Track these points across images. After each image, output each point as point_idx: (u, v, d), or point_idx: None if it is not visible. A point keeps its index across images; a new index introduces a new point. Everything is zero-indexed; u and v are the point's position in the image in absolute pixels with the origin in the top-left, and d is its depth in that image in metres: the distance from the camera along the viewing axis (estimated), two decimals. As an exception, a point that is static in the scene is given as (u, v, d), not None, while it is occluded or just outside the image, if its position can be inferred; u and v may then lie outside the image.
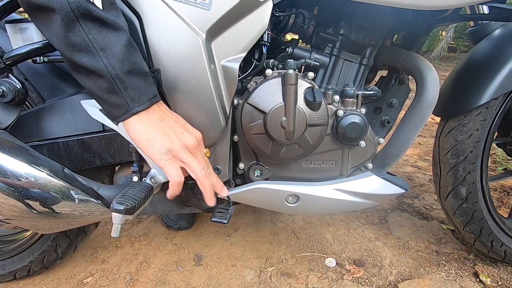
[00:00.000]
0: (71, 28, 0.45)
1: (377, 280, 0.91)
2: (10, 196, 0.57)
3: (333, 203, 0.73)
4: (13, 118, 0.66)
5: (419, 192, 1.38)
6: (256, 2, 0.59)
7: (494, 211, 0.87)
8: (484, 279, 0.89)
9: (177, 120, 0.56)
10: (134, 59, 0.50)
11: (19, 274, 0.89)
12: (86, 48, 0.47)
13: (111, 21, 0.48)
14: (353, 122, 0.67)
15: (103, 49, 0.47)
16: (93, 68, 0.47)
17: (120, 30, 0.49)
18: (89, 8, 0.45)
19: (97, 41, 0.47)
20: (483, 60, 0.81)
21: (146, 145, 0.52)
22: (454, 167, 0.83)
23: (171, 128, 0.54)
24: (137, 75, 0.50)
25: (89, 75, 0.49)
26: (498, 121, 0.80)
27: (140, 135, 0.52)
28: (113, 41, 0.48)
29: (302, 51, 0.74)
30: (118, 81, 0.48)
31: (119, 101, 0.50)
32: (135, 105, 0.50)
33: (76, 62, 0.47)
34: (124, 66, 0.48)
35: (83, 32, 0.46)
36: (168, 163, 0.53)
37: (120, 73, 0.48)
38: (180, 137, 0.54)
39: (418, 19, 0.76)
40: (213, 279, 0.92)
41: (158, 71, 0.56)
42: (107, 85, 0.48)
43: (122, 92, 0.49)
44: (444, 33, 4.92)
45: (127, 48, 0.49)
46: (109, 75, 0.48)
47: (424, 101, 0.70)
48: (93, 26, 0.46)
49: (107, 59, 0.47)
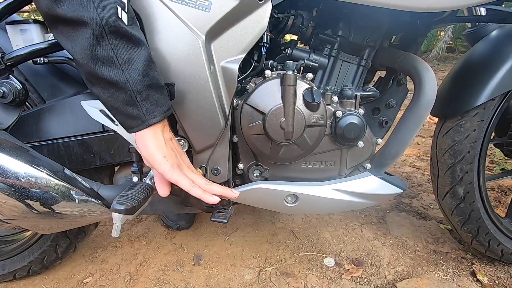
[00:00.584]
0: (99, 43, 0.47)
1: (375, 279, 0.92)
2: (11, 196, 0.57)
3: (331, 203, 0.74)
4: (13, 118, 0.66)
5: (417, 192, 1.39)
6: (255, 3, 0.59)
7: (491, 210, 0.88)
8: (481, 278, 0.90)
9: (177, 144, 0.61)
10: (153, 73, 0.52)
11: (19, 274, 0.89)
12: (110, 62, 0.48)
13: (135, 36, 0.49)
14: (352, 123, 0.68)
15: (127, 63, 0.49)
16: (116, 81, 0.49)
17: (142, 45, 0.51)
18: (118, 24, 0.47)
19: (122, 55, 0.48)
20: (480, 61, 0.82)
21: (160, 161, 0.55)
22: (451, 167, 0.84)
23: (176, 149, 0.59)
24: (155, 89, 0.52)
25: (108, 87, 0.50)
26: (495, 121, 0.81)
27: (156, 151, 0.55)
28: (136, 56, 0.49)
29: (301, 52, 0.74)
30: (138, 94, 0.50)
31: (136, 113, 0.51)
32: (150, 117, 0.52)
33: (98, 75, 0.48)
34: (144, 81, 0.50)
35: (110, 47, 0.47)
36: (180, 177, 0.57)
37: (141, 87, 0.50)
38: (182, 157, 0.60)
39: (416, 20, 0.77)
40: (212, 279, 0.92)
41: (173, 85, 0.58)
42: (126, 97, 0.50)
43: (140, 105, 0.51)
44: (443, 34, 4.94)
45: (147, 63, 0.51)
46: (130, 88, 0.49)
47: (422, 102, 0.70)
48: (120, 41, 0.48)
49: (130, 74, 0.49)
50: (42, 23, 0.71)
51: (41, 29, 0.70)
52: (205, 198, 0.58)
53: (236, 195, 0.63)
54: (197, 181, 0.58)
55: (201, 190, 0.58)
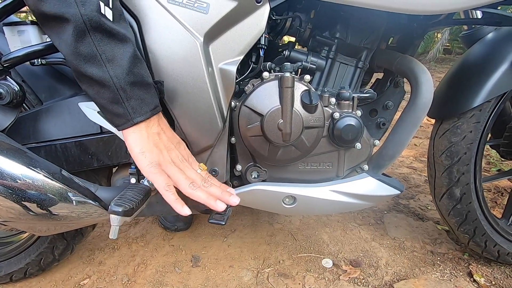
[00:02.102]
0: (81, 39, 0.46)
1: (373, 280, 0.92)
2: (8, 198, 0.57)
3: (329, 204, 0.74)
4: (10, 120, 0.66)
5: (415, 193, 1.39)
6: (253, 5, 0.59)
7: (487, 211, 0.88)
8: (478, 278, 0.90)
9: (171, 138, 0.58)
10: (139, 70, 0.51)
11: (15, 276, 0.89)
12: (93, 59, 0.48)
13: (120, 33, 0.49)
14: (349, 124, 0.68)
15: (110, 60, 0.48)
16: (99, 78, 0.48)
17: (127, 42, 0.50)
18: (101, 20, 0.46)
19: (105, 52, 0.48)
20: (477, 63, 0.82)
21: (138, 156, 0.54)
22: (448, 168, 0.84)
23: (164, 144, 0.56)
24: (140, 86, 0.51)
25: (93, 84, 0.49)
26: (491, 123, 0.82)
27: (135, 145, 0.54)
28: (120, 53, 0.49)
29: (299, 54, 0.75)
30: (121, 91, 0.50)
31: (121, 111, 0.51)
32: (136, 115, 0.52)
33: (82, 71, 0.48)
34: (128, 78, 0.50)
35: (92, 44, 0.47)
36: (156, 176, 0.55)
37: (124, 84, 0.49)
38: (170, 154, 0.56)
39: (412, 23, 0.77)
40: (210, 280, 0.92)
41: (161, 82, 0.57)
42: (110, 95, 0.50)
43: (124, 103, 0.50)
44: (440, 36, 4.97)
45: (132, 60, 0.50)
46: (113, 86, 0.49)
47: (419, 103, 0.71)
48: (102, 38, 0.47)
49: (113, 71, 0.48)
50: (39, 24, 0.71)
51: (38, 30, 0.70)
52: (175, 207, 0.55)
53: (236, 203, 0.60)
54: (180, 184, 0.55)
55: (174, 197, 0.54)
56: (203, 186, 0.58)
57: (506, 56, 0.77)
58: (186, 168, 0.58)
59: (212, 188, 0.59)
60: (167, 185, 0.55)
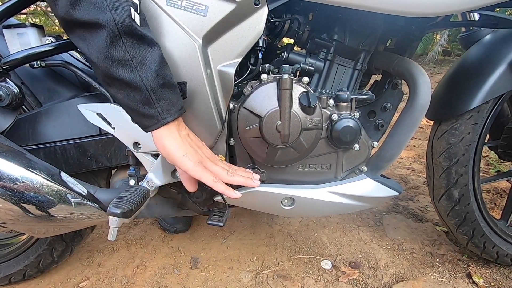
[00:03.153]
0: (114, 44, 0.48)
1: (372, 281, 0.92)
2: (7, 200, 0.57)
3: (328, 206, 0.74)
4: (10, 122, 0.66)
5: (414, 194, 1.39)
6: (251, 8, 0.60)
7: (486, 213, 0.89)
8: (477, 280, 0.90)
9: (196, 137, 0.61)
10: (165, 72, 0.53)
11: (14, 278, 0.89)
12: (125, 63, 0.49)
13: (148, 37, 0.51)
14: (347, 126, 0.69)
15: (141, 63, 0.50)
16: (130, 81, 0.50)
17: (155, 46, 0.52)
18: (132, 25, 0.48)
19: (136, 56, 0.49)
20: (474, 65, 0.83)
21: (182, 159, 0.56)
22: (446, 169, 0.84)
23: (195, 143, 0.59)
24: (168, 87, 0.53)
25: (123, 87, 0.51)
26: (489, 124, 0.82)
27: (176, 150, 0.56)
28: (149, 56, 0.51)
29: (297, 56, 0.75)
30: (152, 93, 0.51)
31: (152, 112, 0.52)
32: (166, 115, 0.53)
33: (113, 75, 0.50)
34: (157, 80, 0.51)
35: (124, 48, 0.48)
36: (203, 173, 0.58)
37: (154, 86, 0.51)
38: (203, 151, 0.60)
39: (410, 25, 0.78)
40: (209, 282, 0.92)
41: (185, 83, 0.59)
42: (141, 97, 0.51)
43: (155, 104, 0.52)
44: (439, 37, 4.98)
45: (160, 62, 0.52)
46: (144, 88, 0.50)
47: (417, 105, 0.71)
48: (133, 42, 0.49)
49: (144, 73, 0.50)
50: (39, 27, 0.72)
51: (38, 33, 0.71)
52: (229, 194, 0.60)
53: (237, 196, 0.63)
54: (221, 175, 0.59)
55: (224, 186, 0.59)
56: (234, 171, 0.63)
57: (504, 58, 0.78)
58: (216, 160, 0.63)
59: (239, 172, 0.64)
60: (214, 178, 0.59)
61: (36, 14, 5.34)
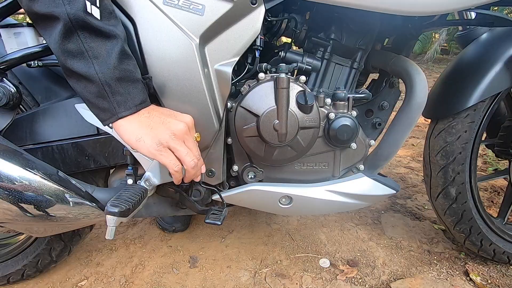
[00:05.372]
0: (69, 36, 0.49)
1: (370, 279, 0.92)
2: (4, 199, 0.57)
3: (325, 204, 0.74)
4: (7, 122, 0.66)
5: (412, 193, 1.40)
6: (248, 7, 0.60)
7: (483, 210, 0.89)
8: (474, 277, 0.91)
9: (163, 112, 0.57)
10: (125, 66, 0.53)
11: (12, 278, 0.89)
12: (80, 55, 0.50)
13: (107, 30, 0.51)
14: (344, 125, 0.69)
15: (96, 56, 0.50)
16: (84, 74, 0.50)
17: (115, 39, 0.52)
18: (86, 19, 0.48)
19: (92, 49, 0.50)
20: (471, 63, 0.83)
21: (138, 144, 0.55)
22: (443, 168, 0.85)
23: (158, 120, 0.56)
24: (126, 82, 0.53)
25: (80, 80, 0.52)
26: (486, 122, 0.82)
27: (130, 136, 0.55)
28: (107, 50, 0.51)
29: (295, 55, 0.75)
30: (106, 87, 0.51)
31: (107, 105, 0.52)
32: (121, 110, 0.53)
33: (69, 67, 0.51)
34: (114, 73, 0.51)
35: (79, 41, 0.49)
36: (163, 156, 0.55)
37: (109, 80, 0.51)
38: (168, 126, 0.55)
39: (407, 24, 0.78)
40: (208, 281, 0.92)
41: (150, 78, 0.58)
42: (96, 90, 0.51)
43: (109, 97, 0.52)
44: (437, 36, 4.99)
45: (119, 56, 0.52)
46: (98, 81, 0.51)
47: (413, 104, 0.72)
48: (89, 35, 0.50)
49: (99, 66, 0.50)
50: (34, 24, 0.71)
51: (35, 32, 0.71)
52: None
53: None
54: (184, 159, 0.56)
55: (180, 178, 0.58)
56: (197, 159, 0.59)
57: (500, 56, 0.78)
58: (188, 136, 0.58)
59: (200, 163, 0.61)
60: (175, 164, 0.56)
61: (34, 14, 5.32)
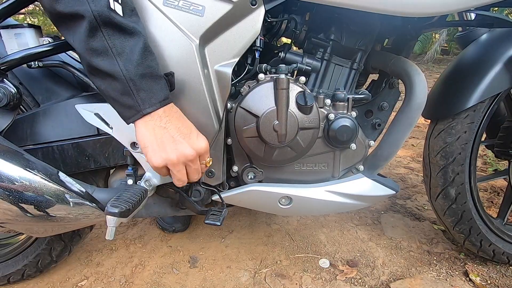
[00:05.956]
0: (93, 34, 0.49)
1: (369, 280, 0.92)
2: (5, 200, 0.57)
3: (325, 205, 0.74)
4: (8, 122, 0.66)
5: (412, 193, 1.40)
6: (248, 8, 0.60)
7: (482, 211, 0.89)
8: (474, 278, 0.91)
9: (180, 128, 0.56)
10: (148, 63, 0.53)
11: (13, 278, 0.89)
12: (105, 53, 0.50)
13: (129, 27, 0.51)
14: (344, 125, 0.69)
15: (120, 53, 0.50)
16: (109, 71, 0.50)
17: (138, 36, 0.52)
18: (110, 15, 0.49)
19: (115, 46, 0.50)
20: (471, 64, 0.83)
21: (144, 150, 0.56)
22: (443, 168, 0.85)
23: (170, 137, 0.55)
24: (149, 78, 0.53)
25: (104, 78, 0.51)
26: (485, 123, 0.82)
27: (141, 138, 0.55)
28: (130, 46, 0.51)
29: (294, 55, 0.75)
30: (131, 83, 0.51)
31: (131, 102, 0.52)
32: (145, 106, 0.53)
33: (94, 65, 0.51)
34: (138, 70, 0.51)
35: (103, 38, 0.49)
36: (162, 171, 0.58)
37: (134, 76, 0.51)
38: (176, 147, 0.55)
39: (406, 24, 0.78)
40: (208, 281, 0.92)
41: (172, 74, 0.58)
42: (121, 87, 0.51)
43: (134, 94, 0.52)
44: (438, 36, 4.99)
45: (142, 52, 0.52)
46: (123, 78, 0.51)
47: (413, 104, 0.72)
48: (113, 32, 0.50)
49: (123, 63, 0.50)
50: (36, 27, 0.72)
51: (35, 33, 0.71)
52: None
53: None
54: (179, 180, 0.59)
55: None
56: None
57: (500, 57, 0.78)
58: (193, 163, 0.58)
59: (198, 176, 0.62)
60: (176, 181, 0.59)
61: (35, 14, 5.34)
